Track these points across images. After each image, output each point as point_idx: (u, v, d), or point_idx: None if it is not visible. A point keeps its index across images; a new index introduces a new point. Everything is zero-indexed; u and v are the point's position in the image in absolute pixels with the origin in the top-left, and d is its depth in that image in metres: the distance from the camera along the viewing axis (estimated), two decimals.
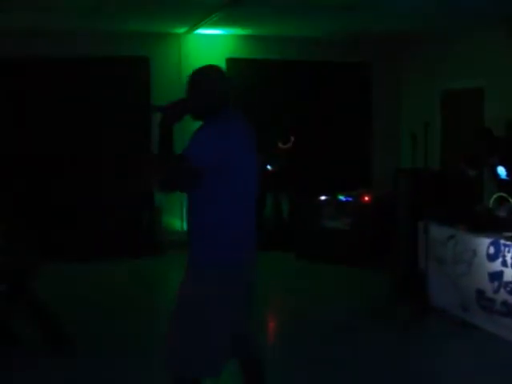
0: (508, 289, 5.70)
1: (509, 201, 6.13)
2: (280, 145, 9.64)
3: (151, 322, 6.45)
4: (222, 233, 3.47)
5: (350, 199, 9.10)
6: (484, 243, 6.02)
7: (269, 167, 9.62)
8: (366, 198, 9.04)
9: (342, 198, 9.12)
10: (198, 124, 3.53)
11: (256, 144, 3.67)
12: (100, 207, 9.58)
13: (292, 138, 9.63)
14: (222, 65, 10.08)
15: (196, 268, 3.52)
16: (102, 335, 6.03)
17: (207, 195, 3.44)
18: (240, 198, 3.51)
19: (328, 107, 10.59)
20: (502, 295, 5.77)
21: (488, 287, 5.95)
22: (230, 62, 10.14)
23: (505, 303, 5.74)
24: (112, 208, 9.58)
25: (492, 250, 5.92)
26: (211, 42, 10.08)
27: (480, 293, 6.06)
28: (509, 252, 5.69)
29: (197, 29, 9.47)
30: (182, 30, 9.70)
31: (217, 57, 10.08)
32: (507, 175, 7.09)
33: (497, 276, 5.84)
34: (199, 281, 3.48)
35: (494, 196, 6.40)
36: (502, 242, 5.81)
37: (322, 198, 9.23)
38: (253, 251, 3.64)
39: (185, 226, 10.07)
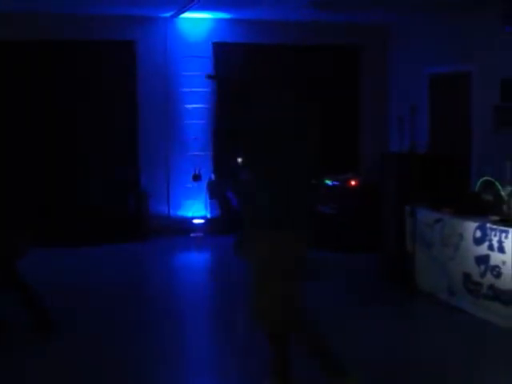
0: (494, 273, 5.71)
1: (495, 184, 6.12)
2: None
3: (137, 307, 6.46)
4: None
5: (337, 184, 9.09)
6: (471, 227, 6.03)
7: None
8: (353, 183, 9.04)
9: (329, 182, 9.11)
10: None
11: None
12: (85, 193, 9.53)
13: None
14: (208, 49, 10.02)
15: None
16: (87, 320, 6.00)
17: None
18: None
19: (315, 91, 10.52)
20: (489, 279, 5.78)
21: (475, 271, 5.97)
22: (217, 45, 10.06)
23: (491, 287, 5.76)
24: (98, 193, 9.54)
25: (478, 233, 5.92)
26: (198, 26, 9.97)
27: (467, 276, 6.08)
28: (495, 236, 5.70)
29: (183, 12, 9.38)
30: (168, 14, 9.61)
31: (203, 41, 10.01)
32: None
33: (483, 260, 5.85)
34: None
35: (481, 180, 6.38)
36: (489, 225, 5.81)
37: None
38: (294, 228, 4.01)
39: (171, 212, 10.06)
